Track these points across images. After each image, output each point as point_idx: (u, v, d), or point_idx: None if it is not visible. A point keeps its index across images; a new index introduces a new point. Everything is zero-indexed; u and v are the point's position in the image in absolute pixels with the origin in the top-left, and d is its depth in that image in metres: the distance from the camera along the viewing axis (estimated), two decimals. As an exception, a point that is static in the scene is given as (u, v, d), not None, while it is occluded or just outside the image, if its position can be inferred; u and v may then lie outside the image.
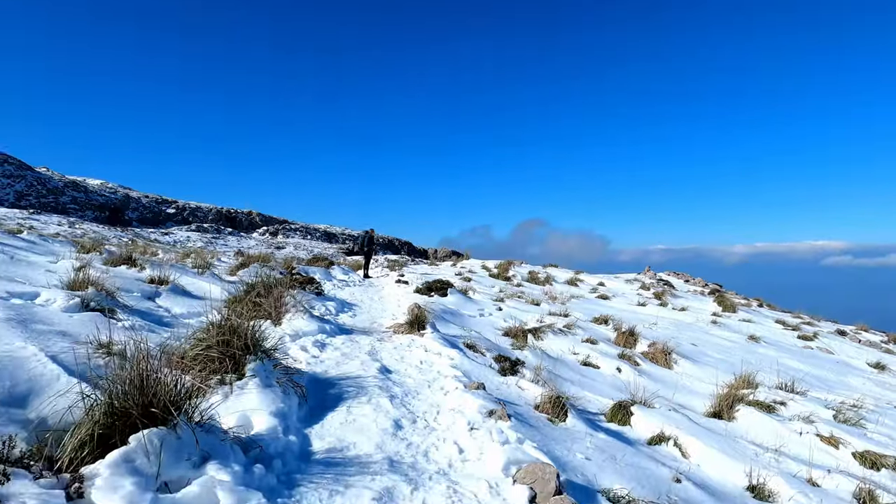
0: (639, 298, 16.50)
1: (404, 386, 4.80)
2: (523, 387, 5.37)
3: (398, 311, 9.76)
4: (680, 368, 8.99)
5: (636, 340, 9.75)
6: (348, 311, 9.18)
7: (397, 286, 13.13)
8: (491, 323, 9.96)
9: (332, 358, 5.44)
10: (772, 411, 7.27)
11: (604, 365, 8.31)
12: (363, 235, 18.17)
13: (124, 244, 32.62)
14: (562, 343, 9.10)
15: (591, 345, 9.21)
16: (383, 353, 6.00)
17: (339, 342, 6.20)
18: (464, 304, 10.89)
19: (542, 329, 9.42)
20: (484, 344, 7.41)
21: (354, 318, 8.65)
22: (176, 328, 5.64)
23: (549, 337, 9.25)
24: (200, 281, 7.95)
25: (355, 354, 5.70)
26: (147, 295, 6.46)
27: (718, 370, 9.28)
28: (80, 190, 62.30)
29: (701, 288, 28.84)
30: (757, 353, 11.09)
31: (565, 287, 17.57)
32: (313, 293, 9.17)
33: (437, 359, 5.80)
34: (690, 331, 12.54)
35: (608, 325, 11.01)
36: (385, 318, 8.98)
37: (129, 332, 4.38)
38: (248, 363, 3.95)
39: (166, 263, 8.45)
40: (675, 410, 6.23)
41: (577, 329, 9.94)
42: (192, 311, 6.39)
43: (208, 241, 54.85)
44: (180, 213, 62.49)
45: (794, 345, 13.19)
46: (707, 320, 14.24)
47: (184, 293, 6.97)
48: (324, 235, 68.53)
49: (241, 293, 6.98)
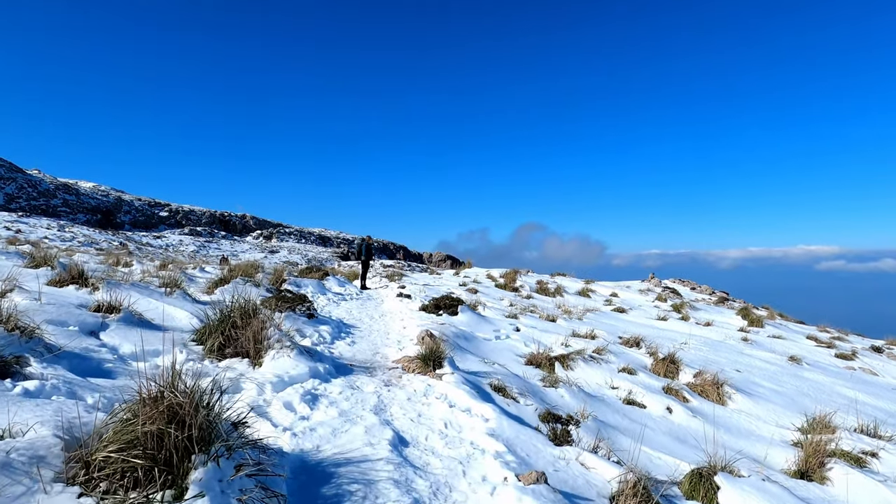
0: (657, 312, 15.08)
1: (429, 474, 3.30)
2: (587, 464, 3.89)
3: (404, 334, 8.26)
4: (734, 404, 7.54)
5: (678, 368, 8.31)
6: (346, 335, 7.67)
7: (399, 301, 11.63)
8: (510, 348, 8.48)
9: (326, 421, 3.93)
10: (863, 465, 5.85)
11: (650, 403, 6.85)
12: (360, 243, 16.65)
13: (103, 251, 30.82)
14: (596, 374, 7.64)
15: (628, 375, 7.76)
16: (394, 407, 4.50)
17: (336, 391, 4.69)
18: (477, 325, 9.40)
19: (571, 356, 7.95)
20: (513, 383, 5.93)
21: (354, 346, 7.15)
22: (117, 379, 4.12)
23: (579, 366, 7.79)
24: (166, 304, 6.40)
25: (357, 413, 4.20)
26: (88, 328, 4.92)
27: (776, 404, 7.87)
28: (72, 193, 60.30)
29: (708, 296, 27.52)
30: (805, 379, 9.68)
31: (578, 299, 16.13)
32: (304, 315, 7.64)
33: (465, 419, 4.30)
34: (725, 351, 11.11)
35: (640, 349, 9.57)
36: (390, 344, 7.48)
37: (30, 404, 2.87)
38: (195, 468, 2.45)
39: (125, 282, 6.89)
40: (768, 480, 4.76)
41: (609, 355, 8.48)
42: (148, 349, 4.87)
43: (201, 244, 53.09)
44: (173, 217, 60.64)
45: (835, 365, 11.80)
46: (736, 337, 12.83)
47: (139, 323, 5.42)
48: (318, 239, 66.81)
49: (215, 321, 5.46)
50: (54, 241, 44.21)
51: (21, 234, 42.43)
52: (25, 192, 57.44)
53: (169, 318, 5.90)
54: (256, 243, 58.64)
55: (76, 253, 14.33)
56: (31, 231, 46.17)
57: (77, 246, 43.51)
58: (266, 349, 5.18)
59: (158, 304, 6.31)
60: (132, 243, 50.88)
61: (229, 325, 5.35)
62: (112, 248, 46.58)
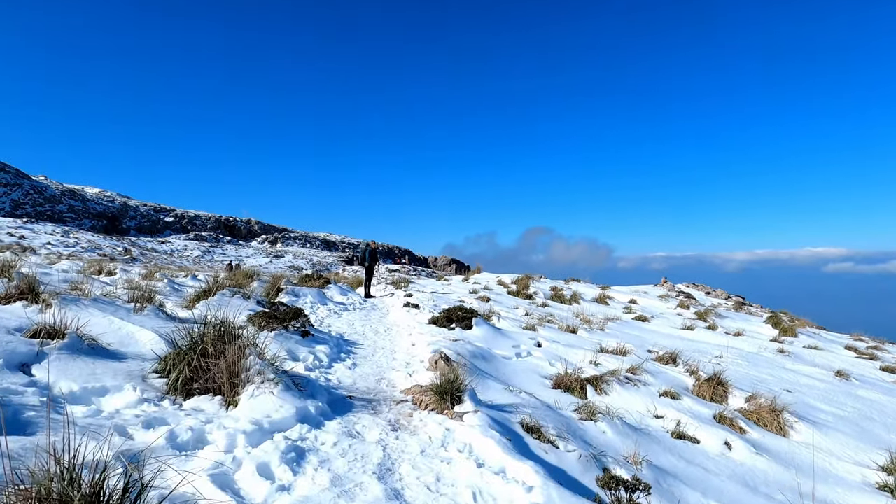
0: (681, 320, 13.91)
1: None
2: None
3: (412, 352, 7.18)
4: (798, 435, 6.40)
5: (726, 391, 7.17)
6: (346, 356, 6.58)
7: (406, 312, 10.53)
8: (534, 368, 7.37)
9: (312, 496, 2.84)
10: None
11: (704, 437, 5.72)
12: (364, 248, 15.51)
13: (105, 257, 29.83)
14: (635, 399, 6.51)
15: (672, 401, 6.63)
16: (404, 465, 3.40)
17: (330, 442, 3.60)
18: (494, 340, 8.29)
19: (605, 378, 6.84)
20: (547, 419, 4.82)
21: (355, 369, 6.06)
22: (36, 434, 3.04)
23: (614, 389, 6.67)
24: (132, 323, 5.33)
25: (356, 479, 3.10)
26: (18, 360, 3.86)
27: (844, 434, 6.72)
28: (78, 198, 59.71)
29: (724, 300, 26.30)
30: (862, 399, 8.51)
31: (595, 306, 14.98)
32: (298, 333, 6.56)
33: (500, 486, 3.19)
34: (766, 366, 9.96)
35: (677, 366, 8.42)
36: (397, 367, 6.39)
37: None
38: None
39: (87, 296, 5.82)
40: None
41: (645, 375, 7.36)
42: (94, 385, 3.80)
43: (206, 249, 52.26)
44: (179, 222, 59.87)
45: (882, 380, 10.63)
46: (771, 348, 11.66)
47: (89, 351, 4.34)
48: (323, 244, 65.85)
49: (184, 347, 4.39)
50: (57, 246, 43.44)
51: (24, 241, 41.67)
52: (31, 198, 56.89)
53: (130, 342, 4.83)
54: (261, 248, 57.73)
55: (61, 261, 13.30)
56: (34, 237, 45.44)
57: (80, 252, 42.69)
58: (244, 383, 4.10)
59: (122, 324, 5.24)
60: (136, 248, 50.06)
61: (198, 353, 4.27)
62: (115, 253, 45.76)
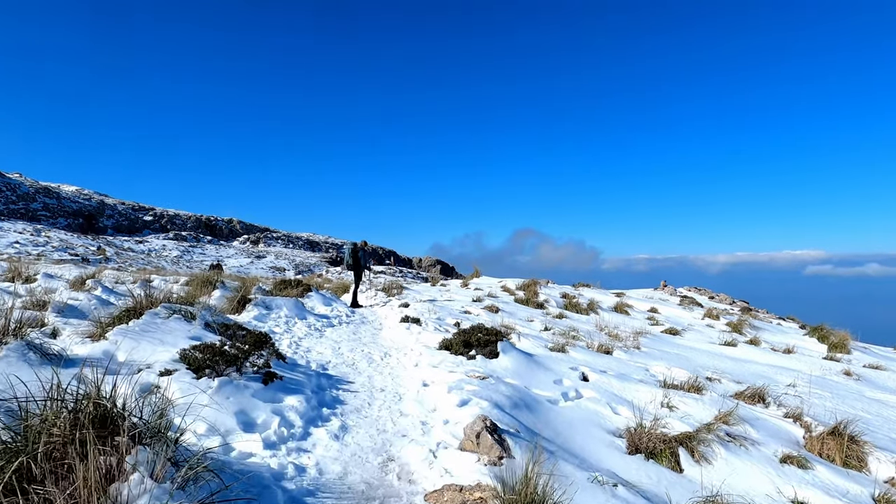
0: (716, 333, 11.83)
1: None
2: None
3: (426, 399, 4.90)
4: None
5: (862, 451, 5.03)
6: (330, 410, 4.28)
7: (406, 329, 8.22)
8: (592, 418, 5.14)
9: None
10: None
11: (887, 545, 3.57)
12: (350, 248, 12.54)
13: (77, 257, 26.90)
14: (751, 472, 4.34)
15: (800, 470, 4.47)
16: None
17: None
18: (529, 372, 6.05)
19: (700, 437, 4.66)
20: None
21: (343, 438, 3.77)
22: None
23: (718, 454, 4.50)
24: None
25: None
26: None
27: None
28: (53, 196, 55.97)
29: (729, 306, 24.53)
30: None
31: (615, 316, 12.85)
32: (260, 375, 4.23)
33: None
34: (847, 395, 7.91)
35: (767, 406, 6.29)
36: (409, 430, 4.10)
37: None
38: None
39: None
40: None
41: (744, 425, 5.21)
42: None
43: (185, 249, 49.13)
44: (158, 221, 56.51)
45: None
46: (835, 369, 9.65)
47: None
48: (306, 244, 62.97)
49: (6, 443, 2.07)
50: (26, 245, 40.00)
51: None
52: (4, 196, 53.04)
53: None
54: (243, 248, 54.71)
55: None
56: (2, 236, 41.90)
57: (50, 252, 39.37)
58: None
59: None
60: (111, 248, 46.71)
61: (25, 462, 1.97)
62: (88, 253, 42.44)
